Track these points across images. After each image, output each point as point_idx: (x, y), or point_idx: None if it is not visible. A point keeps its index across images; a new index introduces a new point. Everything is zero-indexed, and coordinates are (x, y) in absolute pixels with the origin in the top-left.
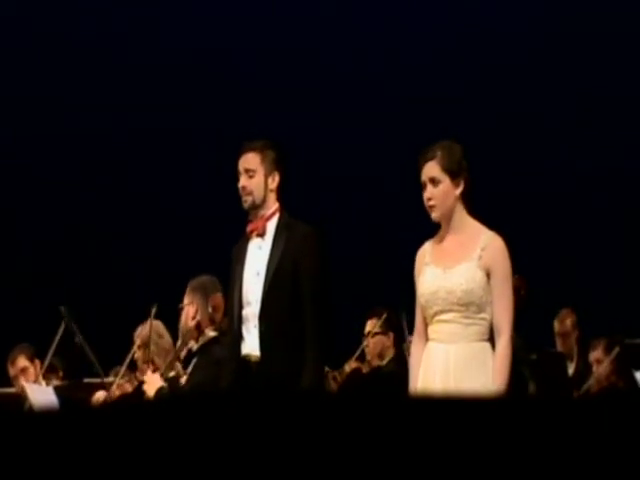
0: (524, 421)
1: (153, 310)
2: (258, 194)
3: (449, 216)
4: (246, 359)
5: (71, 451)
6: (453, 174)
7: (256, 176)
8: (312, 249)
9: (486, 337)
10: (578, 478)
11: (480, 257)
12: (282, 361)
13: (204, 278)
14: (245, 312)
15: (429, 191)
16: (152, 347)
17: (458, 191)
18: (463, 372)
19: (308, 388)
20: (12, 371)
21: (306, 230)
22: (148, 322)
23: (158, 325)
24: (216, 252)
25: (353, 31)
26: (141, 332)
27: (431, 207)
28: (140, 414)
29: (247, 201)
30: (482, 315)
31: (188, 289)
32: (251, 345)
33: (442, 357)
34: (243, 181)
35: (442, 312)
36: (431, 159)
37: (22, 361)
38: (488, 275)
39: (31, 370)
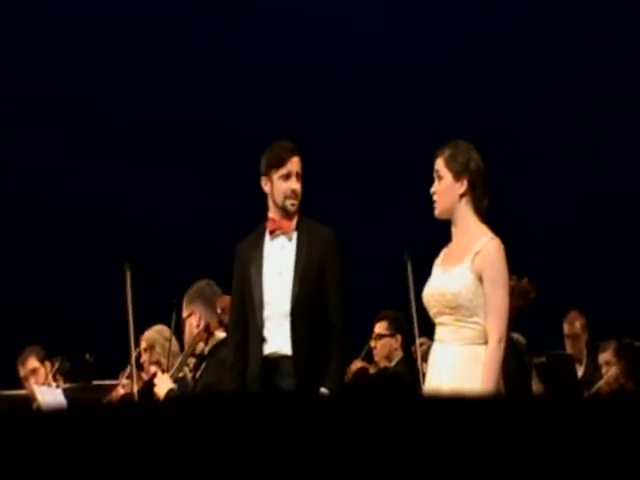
0: (519, 422)
1: (127, 268)
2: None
3: (450, 214)
4: (270, 358)
5: (80, 451)
6: (456, 173)
7: (300, 180)
8: (336, 252)
9: (480, 341)
10: (583, 478)
11: (473, 261)
12: (312, 359)
13: (199, 284)
14: (267, 312)
15: (434, 185)
16: (158, 349)
17: (460, 191)
18: (455, 374)
19: (333, 389)
20: (22, 372)
21: (328, 233)
22: (154, 326)
23: (164, 329)
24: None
25: None
26: (147, 334)
27: (434, 202)
28: (149, 415)
29: (295, 205)
30: (474, 319)
31: (185, 301)
32: (278, 344)
33: (437, 356)
34: (296, 184)
35: (438, 314)
36: (439, 155)
37: (32, 362)
38: (481, 279)
39: (41, 371)
